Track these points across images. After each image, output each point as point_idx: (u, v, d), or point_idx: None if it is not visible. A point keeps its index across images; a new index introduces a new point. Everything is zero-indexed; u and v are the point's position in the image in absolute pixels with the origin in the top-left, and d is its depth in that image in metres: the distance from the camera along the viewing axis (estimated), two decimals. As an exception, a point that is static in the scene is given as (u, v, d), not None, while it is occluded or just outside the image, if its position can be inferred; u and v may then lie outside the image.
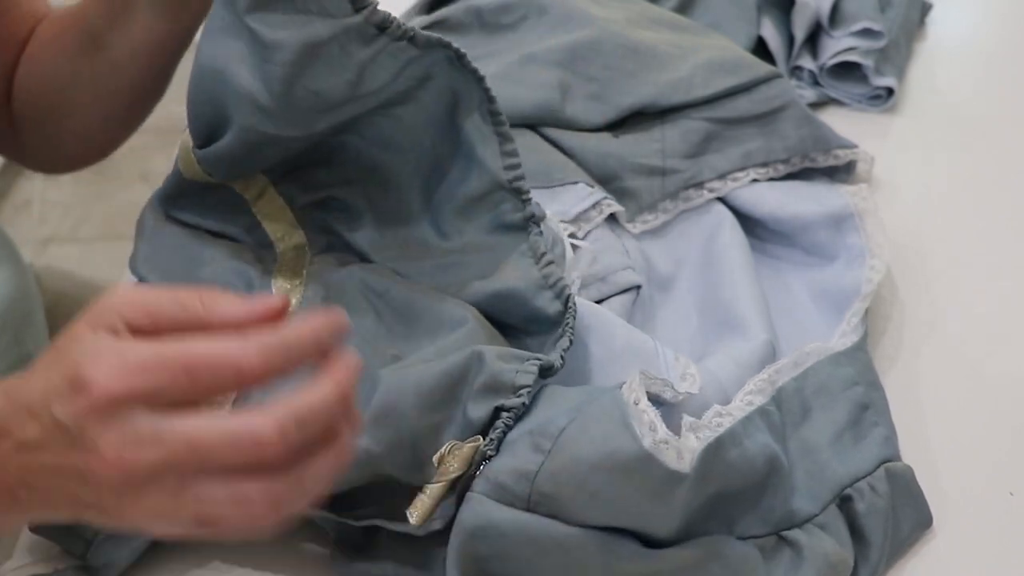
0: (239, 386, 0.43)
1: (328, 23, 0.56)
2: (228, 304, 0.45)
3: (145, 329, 0.45)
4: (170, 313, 0.45)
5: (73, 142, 0.82)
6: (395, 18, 0.58)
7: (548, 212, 0.66)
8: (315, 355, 0.44)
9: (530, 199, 0.63)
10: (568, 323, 0.60)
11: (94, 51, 0.75)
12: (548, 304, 0.61)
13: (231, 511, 0.43)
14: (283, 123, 0.61)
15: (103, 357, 0.43)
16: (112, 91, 0.78)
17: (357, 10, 0.57)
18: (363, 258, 0.66)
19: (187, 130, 0.65)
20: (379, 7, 0.57)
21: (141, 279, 0.67)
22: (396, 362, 0.59)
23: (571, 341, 0.59)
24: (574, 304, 0.61)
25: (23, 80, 0.78)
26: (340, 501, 0.56)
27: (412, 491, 0.54)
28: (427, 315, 0.61)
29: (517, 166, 0.63)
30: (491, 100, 0.62)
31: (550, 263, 0.63)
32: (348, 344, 0.59)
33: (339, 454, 0.44)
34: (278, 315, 0.45)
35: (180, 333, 0.44)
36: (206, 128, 0.63)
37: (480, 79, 0.61)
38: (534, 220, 0.63)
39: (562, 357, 0.57)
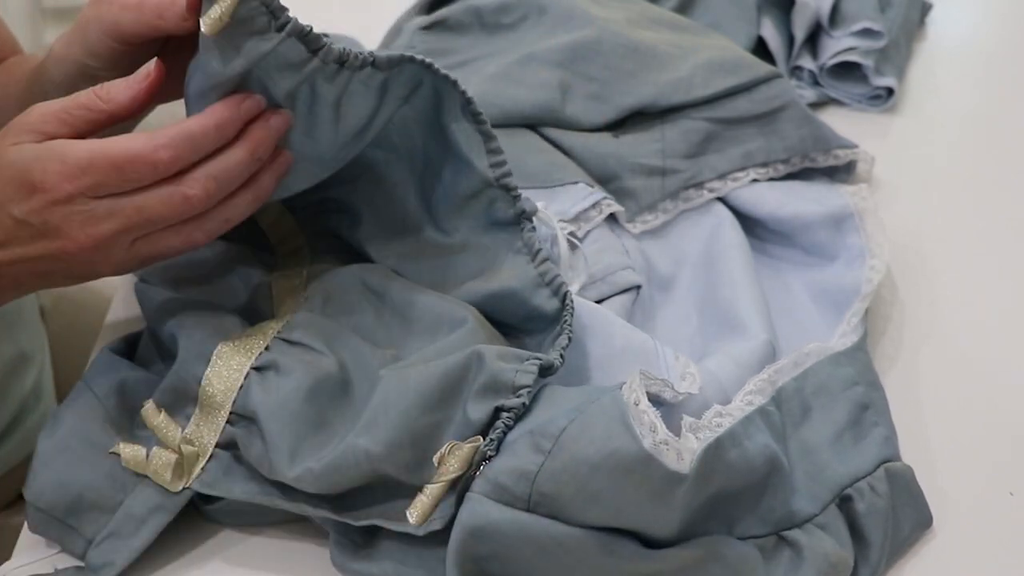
0: (158, 175, 0.55)
1: (291, 75, 0.57)
2: (119, 89, 0.57)
3: (64, 136, 0.56)
4: (83, 118, 0.57)
5: None
6: (350, 50, 0.58)
7: (540, 205, 0.67)
8: (223, 136, 0.56)
9: (519, 195, 0.64)
10: (566, 321, 0.60)
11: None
12: (546, 302, 0.61)
13: (173, 242, 0.58)
14: (290, 188, 0.64)
15: (47, 162, 0.54)
16: None
17: (313, 52, 0.57)
18: (363, 258, 0.66)
19: None
20: (333, 45, 0.57)
21: (142, 279, 0.67)
22: (395, 362, 0.59)
23: (570, 339, 0.59)
24: (571, 301, 0.61)
25: None
26: (340, 501, 0.56)
27: (412, 491, 0.54)
28: (427, 315, 0.61)
29: (503, 163, 0.64)
30: (469, 101, 0.62)
31: (545, 260, 0.63)
32: (345, 347, 0.59)
33: (256, 191, 0.58)
34: (155, 79, 0.58)
35: (93, 129, 0.57)
36: None
37: (454, 82, 0.62)
38: (525, 216, 0.64)
39: (561, 356, 0.57)
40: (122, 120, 0.58)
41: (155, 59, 0.58)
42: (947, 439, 0.65)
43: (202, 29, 0.54)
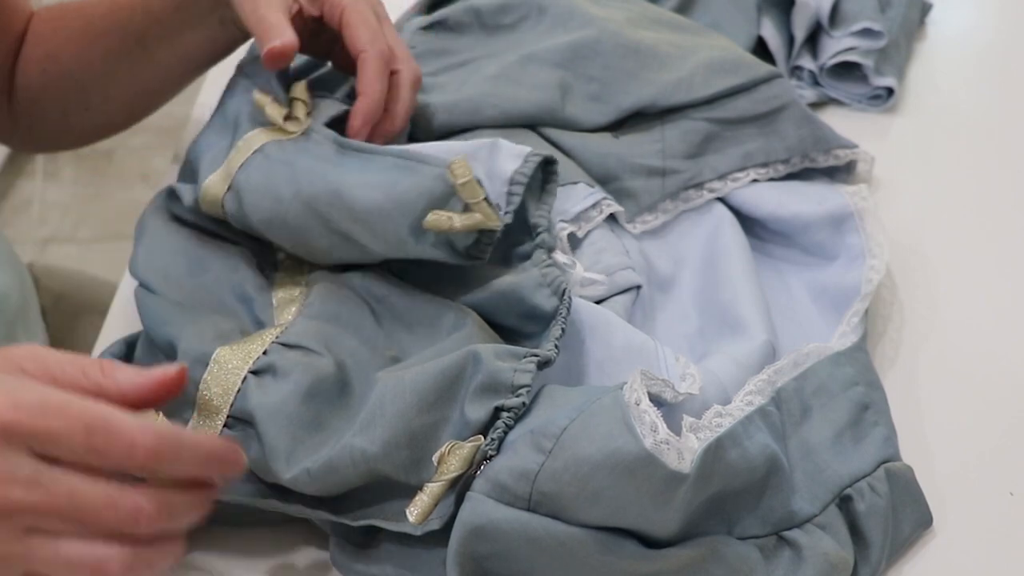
0: (127, 460, 0.44)
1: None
2: (127, 374, 0.47)
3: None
4: (71, 377, 0.46)
5: (83, 129, 0.83)
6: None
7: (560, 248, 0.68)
8: (201, 467, 0.47)
9: (540, 233, 0.65)
10: (562, 314, 0.60)
11: (139, 53, 0.76)
12: (545, 301, 0.61)
13: (76, 571, 0.43)
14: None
15: (2, 386, 0.43)
16: (146, 90, 0.79)
17: None
18: (363, 265, 0.66)
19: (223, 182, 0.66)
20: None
21: (142, 284, 0.67)
22: (395, 364, 0.59)
23: (563, 330, 0.59)
24: (570, 298, 0.61)
25: (37, 75, 0.79)
26: (337, 502, 0.56)
27: (411, 491, 0.54)
28: (426, 319, 0.61)
29: (548, 211, 0.66)
30: (551, 162, 0.66)
31: (549, 265, 0.63)
32: (344, 349, 0.59)
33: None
34: (173, 385, 0.48)
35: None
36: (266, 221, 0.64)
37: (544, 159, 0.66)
38: (541, 245, 0.64)
39: (556, 346, 0.57)
40: (124, 405, 0.46)
41: (180, 366, 0.49)
42: (947, 439, 0.65)
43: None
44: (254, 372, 0.58)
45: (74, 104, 0.79)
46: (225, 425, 0.58)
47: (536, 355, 0.56)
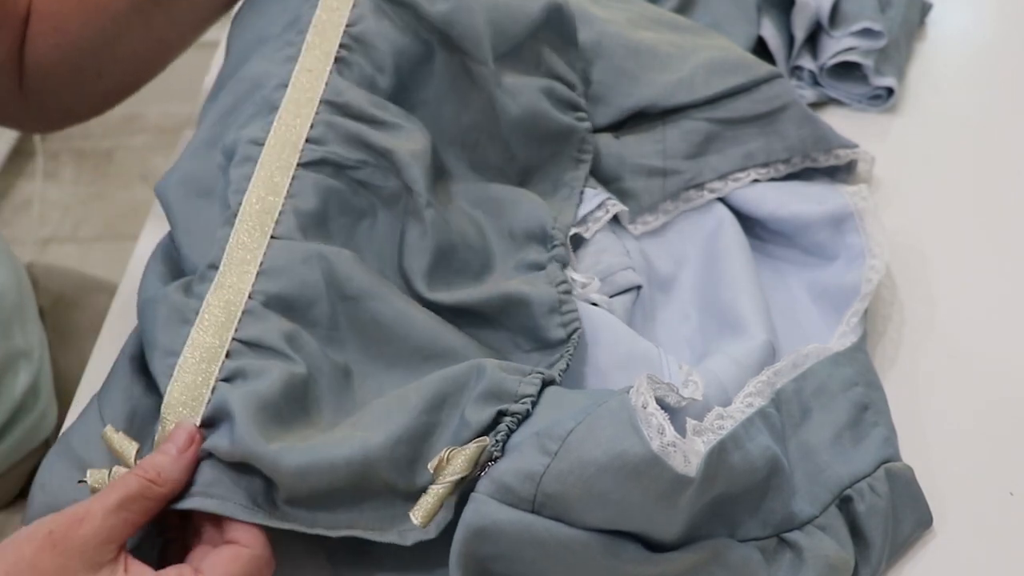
0: None
1: None
2: (169, 468, 0.53)
3: (131, 527, 0.53)
4: (140, 508, 0.53)
5: (96, 97, 0.82)
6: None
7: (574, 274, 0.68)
8: None
9: (556, 245, 0.66)
10: (568, 351, 0.60)
11: (151, 9, 0.75)
12: (553, 329, 0.61)
13: None
14: None
15: None
16: (159, 44, 0.78)
17: None
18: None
19: None
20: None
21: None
22: (344, 375, 0.57)
23: (568, 365, 0.60)
24: (578, 337, 0.61)
25: (49, 50, 0.78)
26: (311, 514, 0.54)
27: (402, 497, 0.53)
28: (402, 339, 0.59)
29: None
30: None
31: (567, 292, 0.63)
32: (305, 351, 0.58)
33: None
34: (199, 446, 0.54)
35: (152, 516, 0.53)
36: None
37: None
38: (556, 259, 0.65)
39: (560, 374, 0.58)
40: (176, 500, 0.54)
41: (193, 427, 0.54)
42: (947, 439, 0.66)
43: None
44: (225, 379, 0.55)
45: (87, 72, 0.78)
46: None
47: (542, 373, 0.56)
